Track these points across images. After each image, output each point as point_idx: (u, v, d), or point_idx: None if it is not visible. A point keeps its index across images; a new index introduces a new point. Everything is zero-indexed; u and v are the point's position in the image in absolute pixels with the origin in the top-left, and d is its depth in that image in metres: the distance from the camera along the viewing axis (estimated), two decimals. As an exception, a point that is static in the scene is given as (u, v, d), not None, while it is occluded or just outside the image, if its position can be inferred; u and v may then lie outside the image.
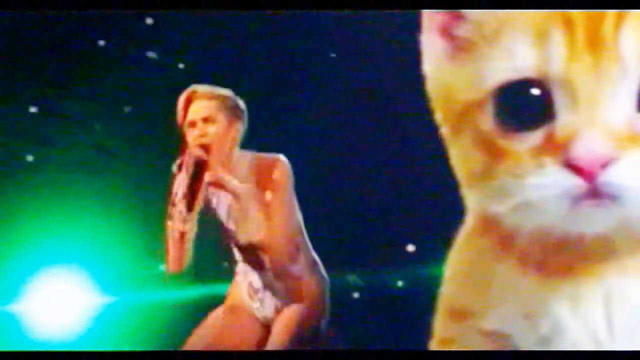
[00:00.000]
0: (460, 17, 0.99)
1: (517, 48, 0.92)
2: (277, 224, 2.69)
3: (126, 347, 3.83)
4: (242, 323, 2.82)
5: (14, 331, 4.32)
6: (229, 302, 2.87)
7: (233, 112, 2.77)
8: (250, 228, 2.66)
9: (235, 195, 2.66)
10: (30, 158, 4.55)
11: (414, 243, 4.52)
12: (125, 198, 4.46)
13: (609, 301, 0.98)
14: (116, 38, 4.33)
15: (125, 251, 4.36)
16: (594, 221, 0.92)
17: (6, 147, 4.53)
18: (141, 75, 4.43)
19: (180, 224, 2.63)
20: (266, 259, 2.72)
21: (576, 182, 0.89)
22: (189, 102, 2.73)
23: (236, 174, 2.70)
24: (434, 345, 1.09)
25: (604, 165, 0.88)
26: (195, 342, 2.74)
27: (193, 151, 2.68)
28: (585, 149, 0.88)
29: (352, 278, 4.65)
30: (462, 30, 0.98)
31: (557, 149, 0.90)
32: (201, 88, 2.76)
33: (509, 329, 1.01)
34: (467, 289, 1.05)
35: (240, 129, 2.79)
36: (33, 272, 4.41)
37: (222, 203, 2.76)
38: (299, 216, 2.78)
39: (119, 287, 4.43)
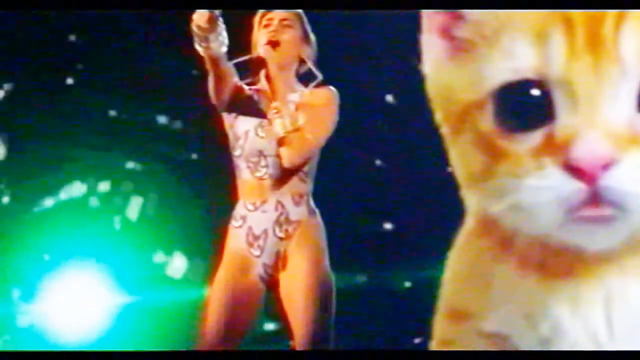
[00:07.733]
0: (460, 18, 0.98)
1: (517, 48, 0.92)
2: (309, 130, 2.74)
3: (143, 348, 3.84)
4: (243, 286, 2.77)
5: (34, 331, 4.32)
6: (226, 260, 2.80)
7: (307, 36, 2.92)
8: (282, 124, 2.72)
9: (275, 80, 2.78)
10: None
11: (414, 243, 4.52)
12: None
13: (609, 302, 0.98)
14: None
15: (144, 251, 4.37)
16: (596, 238, 0.92)
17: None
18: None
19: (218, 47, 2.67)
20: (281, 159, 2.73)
21: (576, 187, 0.89)
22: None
23: (288, 91, 2.81)
24: (434, 347, 1.09)
25: (605, 166, 0.87)
26: (210, 315, 2.74)
27: (260, 48, 2.81)
28: (585, 150, 0.88)
29: (361, 279, 4.65)
30: (462, 31, 0.98)
31: (557, 150, 0.89)
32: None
33: (509, 330, 1.01)
34: (467, 290, 1.05)
35: (307, 55, 2.90)
36: (52, 272, 4.42)
37: (258, 107, 2.80)
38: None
39: (137, 287, 4.43)
